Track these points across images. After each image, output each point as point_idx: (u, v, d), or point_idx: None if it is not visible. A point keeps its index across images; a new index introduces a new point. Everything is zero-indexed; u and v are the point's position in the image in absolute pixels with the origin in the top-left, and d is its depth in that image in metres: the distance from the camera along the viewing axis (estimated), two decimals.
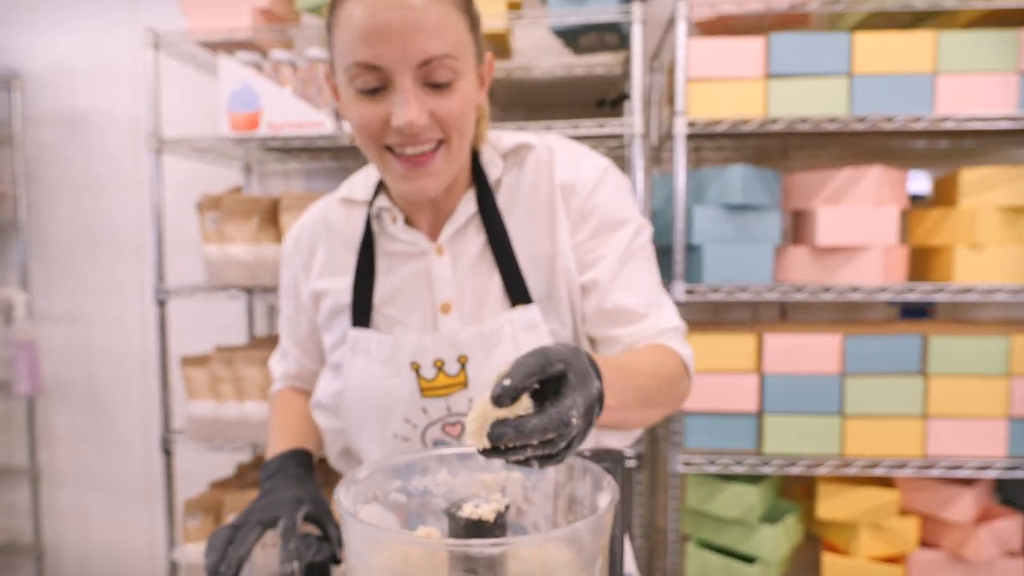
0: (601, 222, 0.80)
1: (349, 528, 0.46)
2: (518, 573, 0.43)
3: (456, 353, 0.76)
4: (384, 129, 0.70)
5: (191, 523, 1.82)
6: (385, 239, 0.82)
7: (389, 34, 0.65)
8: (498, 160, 0.81)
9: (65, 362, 2.39)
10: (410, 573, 0.44)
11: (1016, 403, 1.60)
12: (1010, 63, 1.56)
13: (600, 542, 0.49)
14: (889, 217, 1.62)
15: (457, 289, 0.79)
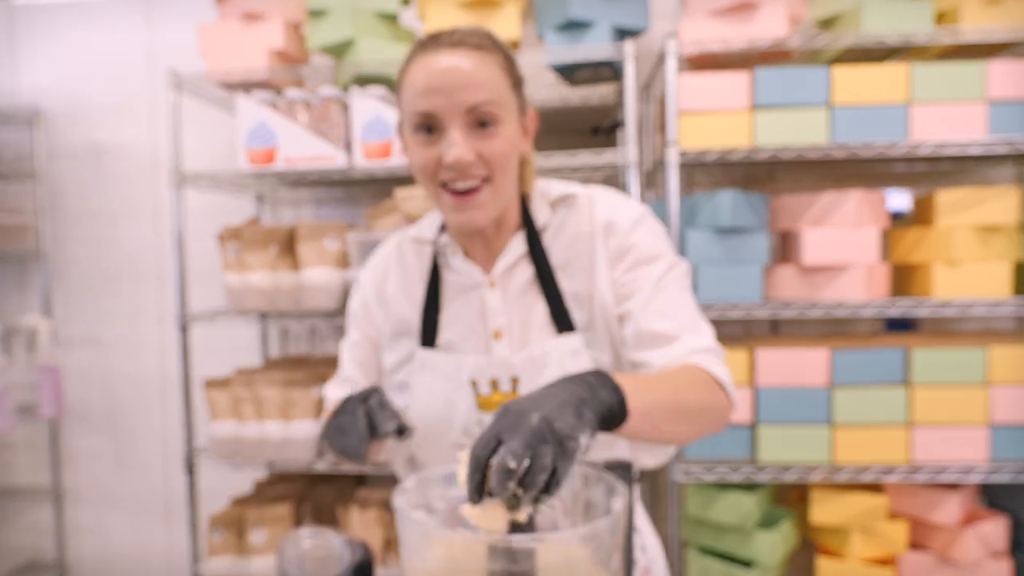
0: (637, 258, 0.88)
1: (406, 526, 0.56)
2: (546, 564, 0.52)
3: (509, 374, 0.87)
4: (438, 167, 0.82)
5: (215, 538, 1.90)
6: (448, 272, 0.94)
7: (442, 88, 0.80)
8: (546, 208, 0.93)
9: (86, 386, 2.48)
10: (456, 563, 0.54)
11: (996, 410, 1.69)
12: (978, 93, 1.67)
13: (616, 540, 0.58)
14: (870, 237, 1.73)
15: (506, 318, 0.90)
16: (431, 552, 0.55)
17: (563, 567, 0.54)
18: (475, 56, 0.82)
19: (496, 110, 0.82)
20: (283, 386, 1.86)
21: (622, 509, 0.58)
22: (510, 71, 0.86)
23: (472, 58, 0.81)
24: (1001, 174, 2.15)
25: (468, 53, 0.82)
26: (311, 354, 2.35)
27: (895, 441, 1.72)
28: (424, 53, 0.83)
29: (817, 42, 1.73)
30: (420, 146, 0.83)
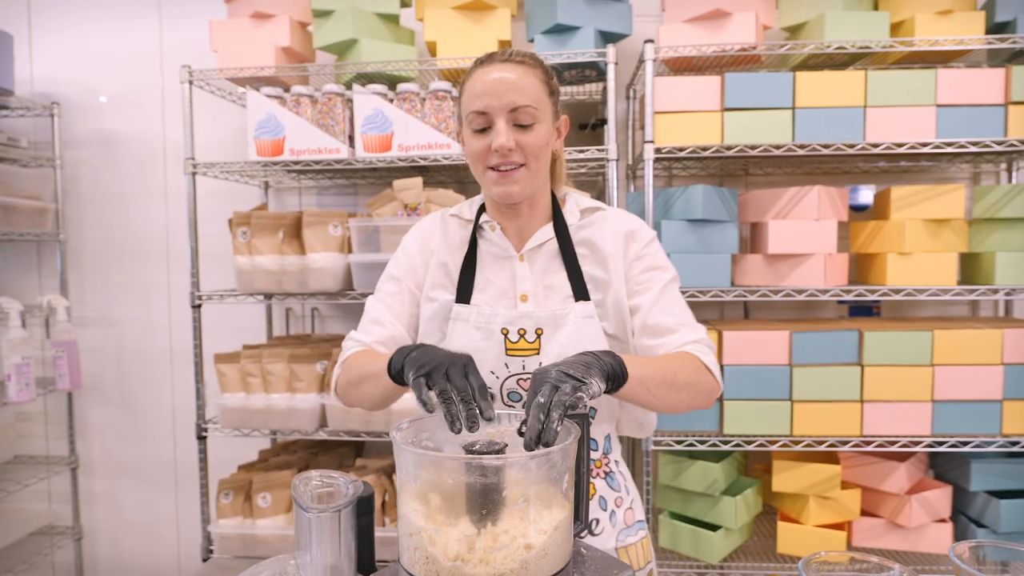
0: (650, 264, 1.11)
1: (402, 453, 0.71)
2: (510, 477, 0.68)
3: (535, 325, 1.05)
4: (487, 154, 1.04)
5: (223, 501, 2.06)
6: (484, 243, 1.13)
7: (492, 92, 1.02)
8: (576, 212, 1.14)
9: (100, 362, 2.63)
10: (442, 480, 0.69)
11: (939, 388, 1.86)
12: (929, 98, 1.83)
13: (566, 464, 0.74)
14: (829, 229, 1.89)
15: (532, 284, 1.10)
16: (422, 473, 0.71)
17: (523, 479, 0.69)
18: (519, 69, 1.04)
19: (533, 112, 1.03)
20: (288, 361, 2.01)
21: (572, 441, 0.73)
22: (548, 83, 1.07)
23: (517, 70, 1.03)
24: (958, 172, 2.31)
25: (514, 67, 1.03)
26: (313, 334, 2.50)
27: (848, 415, 1.89)
28: (481, 66, 1.06)
29: (781, 49, 1.88)
30: (474, 137, 1.05)
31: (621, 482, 1.16)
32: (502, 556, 0.67)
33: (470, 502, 0.69)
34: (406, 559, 0.71)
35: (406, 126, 1.97)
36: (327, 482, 0.95)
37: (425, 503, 0.71)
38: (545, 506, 0.71)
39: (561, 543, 0.71)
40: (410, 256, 1.17)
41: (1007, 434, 1.85)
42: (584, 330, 1.06)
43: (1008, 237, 1.90)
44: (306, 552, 0.90)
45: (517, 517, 0.69)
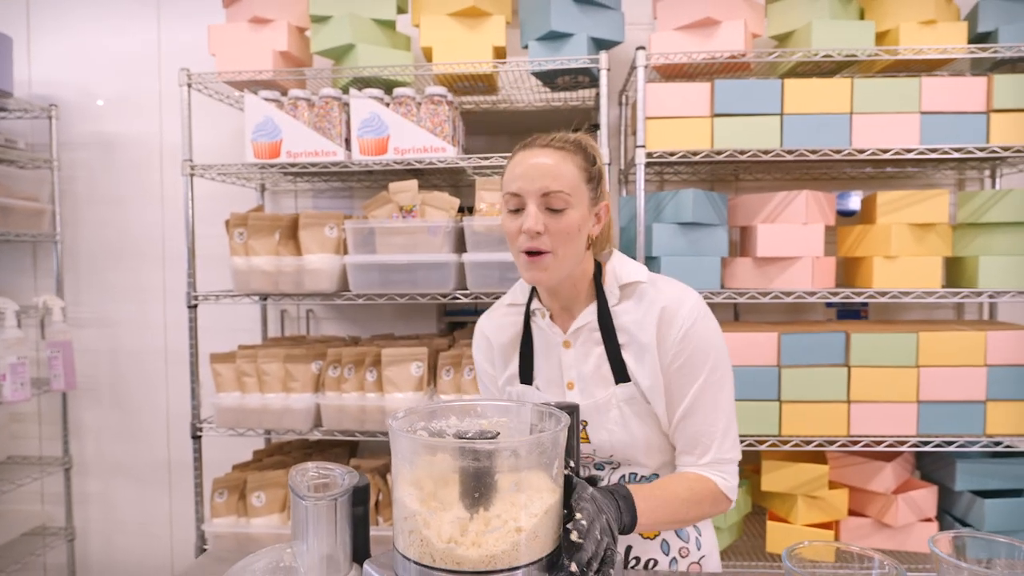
0: (687, 358, 1.06)
1: (399, 440, 0.74)
2: (501, 463, 0.71)
3: (580, 417, 1.05)
4: (518, 235, 1.05)
5: (218, 500, 2.07)
6: (537, 330, 1.17)
7: (527, 176, 1.04)
8: (616, 291, 1.12)
9: (95, 362, 2.64)
10: (436, 465, 0.72)
11: (924, 389, 1.89)
12: (914, 105, 1.87)
13: (556, 451, 0.76)
14: (816, 233, 1.93)
15: (576, 371, 1.12)
16: (417, 458, 0.74)
17: (513, 465, 0.72)
18: (558, 155, 1.04)
19: (565, 197, 1.03)
20: (284, 361, 2.03)
21: (562, 429, 0.76)
22: (586, 170, 1.07)
23: (555, 156, 1.04)
24: (943, 179, 2.36)
25: (552, 153, 1.04)
26: (308, 335, 2.52)
27: (836, 415, 1.92)
28: (523, 150, 1.07)
29: (769, 56, 1.92)
30: (509, 218, 1.07)
31: (692, 534, 1.17)
32: (494, 538, 0.69)
33: (463, 487, 0.71)
34: (401, 542, 0.73)
35: (402, 130, 2.00)
36: (323, 473, 0.97)
37: (419, 488, 0.73)
38: (536, 491, 0.73)
39: (551, 526, 0.73)
40: (481, 368, 1.26)
41: (990, 434, 1.88)
42: (627, 413, 1.09)
43: (991, 241, 1.94)
44: (302, 541, 0.93)
45: (508, 502, 0.71)
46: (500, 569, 0.69)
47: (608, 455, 1.12)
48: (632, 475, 1.13)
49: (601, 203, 1.11)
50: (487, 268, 1.95)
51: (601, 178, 1.11)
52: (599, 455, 1.13)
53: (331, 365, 2.05)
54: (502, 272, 1.95)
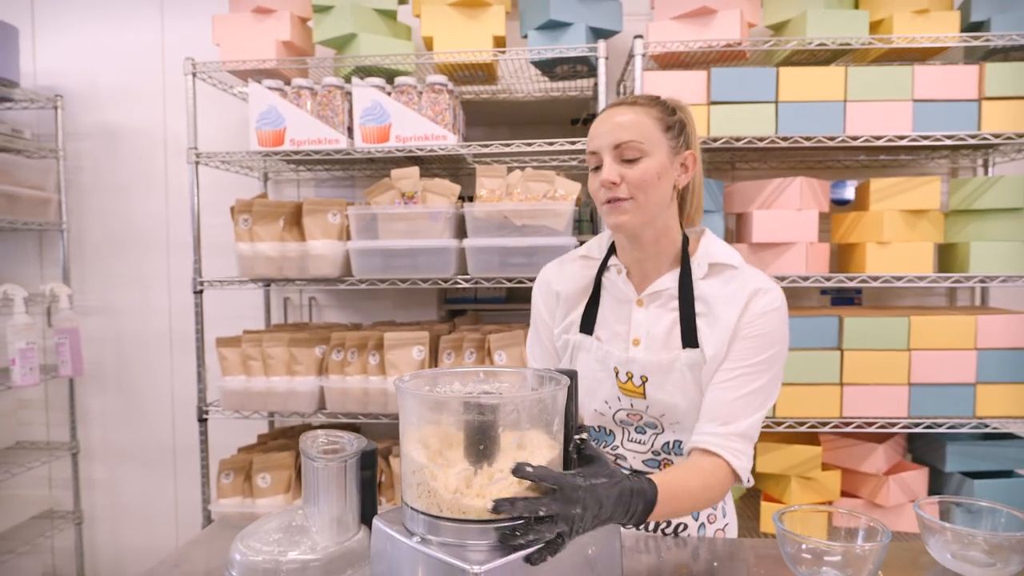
0: (759, 336, 1.07)
1: (407, 399, 0.78)
2: (504, 416, 0.75)
3: (641, 372, 1.12)
4: (599, 189, 1.10)
5: (224, 481, 2.12)
6: (608, 283, 1.20)
7: (600, 132, 1.10)
8: (705, 266, 1.14)
9: (101, 350, 2.68)
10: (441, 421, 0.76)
11: (915, 372, 1.94)
12: (906, 93, 1.91)
13: (556, 408, 0.80)
14: (810, 219, 1.96)
15: (645, 330, 1.14)
16: (424, 415, 0.78)
17: (515, 420, 0.76)
18: (631, 109, 1.10)
19: (638, 146, 1.07)
20: (288, 344, 2.07)
21: (561, 388, 0.80)
22: (662, 120, 1.10)
23: (628, 111, 1.09)
24: (936, 168, 2.40)
25: (625, 108, 1.10)
26: (311, 322, 2.56)
27: (829, 398, 1.96)
28: (601, 112, 1.13)
29: (764, 45, 1.95)
30: (591, 177, 1.13)
31: (719, 504, 1.20)
32: (496, 489, 0.73)
33: (468, 443, 0.75)
34: (410, 495, 0.77)
35: (403, 118, 2.03)
36: (333, 440, 1.01)
37: (426, 446, 0.77)
38: (536, 447, 0.77)
39: None
40: (539, 312, 1.27)
41: (980, 416, 1.92)
42: (688, 378, 1.09)
43: (982, 228, 1.98)
44: (313, 503, 0.97)
45: (511, 457, 0.75)
46: (503, 518, 0.73)
47: (660, 414, 1.13)
48: (677, 442, 1.14)
49: (686, 152, 1.13)
50: (487, 253, 1.99)
51: (684, 128, 1.13)
52: (650, 413, 1.13)
53: (335, 349, 2.09)
54: (502, 257, 1.99)
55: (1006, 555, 0.95)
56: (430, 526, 0.75)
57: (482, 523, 0.72)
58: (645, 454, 1.17)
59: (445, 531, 0.74)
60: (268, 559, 0.89)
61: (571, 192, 1.98)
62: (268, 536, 0.94)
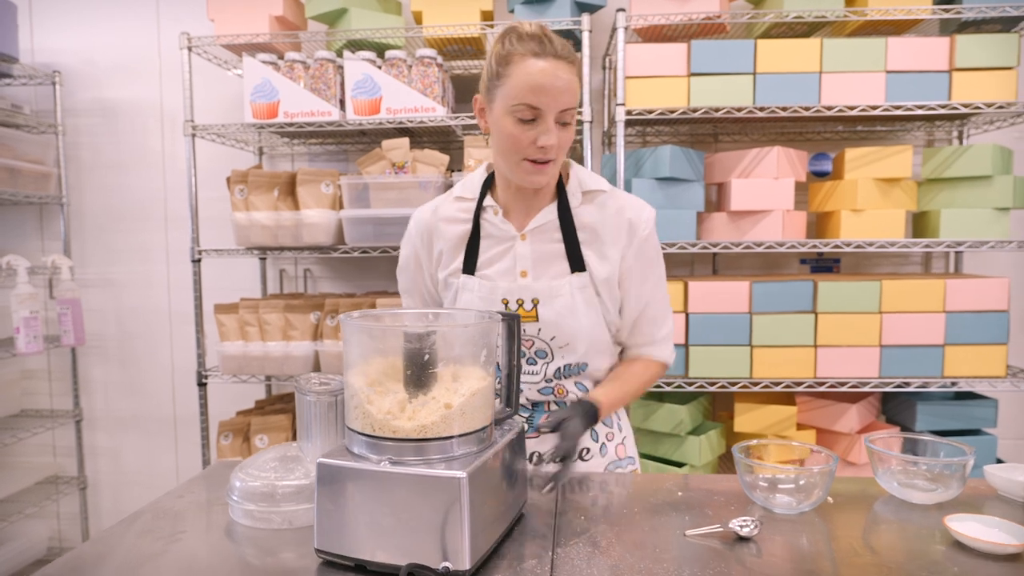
0: (645, 258, 1.21)
1: (351, 329, 0.85)
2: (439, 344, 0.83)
3: (532, 296, 1.16)
4: (528, 146, 1.09)
5: (223, 442, 2.20)
6: (487, 225, 1.21)
7: (549, 91, 1.05)
8: (579, 194, 1.20)
9: (102, 320, 2.75)
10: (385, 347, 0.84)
11: (886, 334, 2.02)
12: (879, 64, 1.97)
13: (484, 341, 0.87)
14: (786, 187, 2.03)
15: (531, 261, 1.19)
16: (369, 344, 0.86)
17: (446, 352, 0.84)
18: (570, 69, 1.07)
19: (573, 113, 1.10)
20: (284, 311, 2.14)
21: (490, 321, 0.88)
22: (581, 81, 1.17)
23: (569, 71, 1.07)
24: (914, 139, 2.46)
25: (566, 67, 1.07)
26: (306, 292, 2.63)
27: (803, 359, 2.04)
28: (535, 57, 1.05)
29: (743, 18, 2.01)
30: (516, 127, 1.08)
31: (614, 420, 1.29)
32: (426, 411, 0.81)
33: (405, 374, 0.83)
34: (349, 419, 0.85)
35: (394, 90, 2.09)
36: (325, 381, 1.09)
37: (367, 376, 0.85)
38: (465, 376, 0.85)
39: (479, 407, 0.85)
40: (416, 258, 1.28)
41: (948, 376, 2.01)
42: (578, 299, 1.16)
43: (953, 195, 2.05)
44: (306, 438, 1.05)
45: (443, 387, 0.83)
46: (432, 437, 0.80)
47: (551, 336, 1.17)
48: (567, 367, 1.20)
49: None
50: None
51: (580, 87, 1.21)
52: (542, 336, 1.18)
53: (329, 315, 2.16)
54: None
55: (946, 481, 1.03)
56: (372, 447, 0.81)
57: (417, 441, 0.80)
58: (539, 383, 1.20)
59: (386, 451, 0.81)
60: (265, 483, 0.97)
61: None
62: (265, 465, 1.02)
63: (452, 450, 0.81)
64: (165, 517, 0.98)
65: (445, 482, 0.76)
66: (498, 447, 0.87)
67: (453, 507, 0.76)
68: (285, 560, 0.84)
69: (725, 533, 0.90)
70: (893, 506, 1.03)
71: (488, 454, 0.83)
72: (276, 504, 0.95)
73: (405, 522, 0.77)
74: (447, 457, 0.81)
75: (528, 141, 1.08)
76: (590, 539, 0.89)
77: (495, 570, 0.80)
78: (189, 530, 0.94)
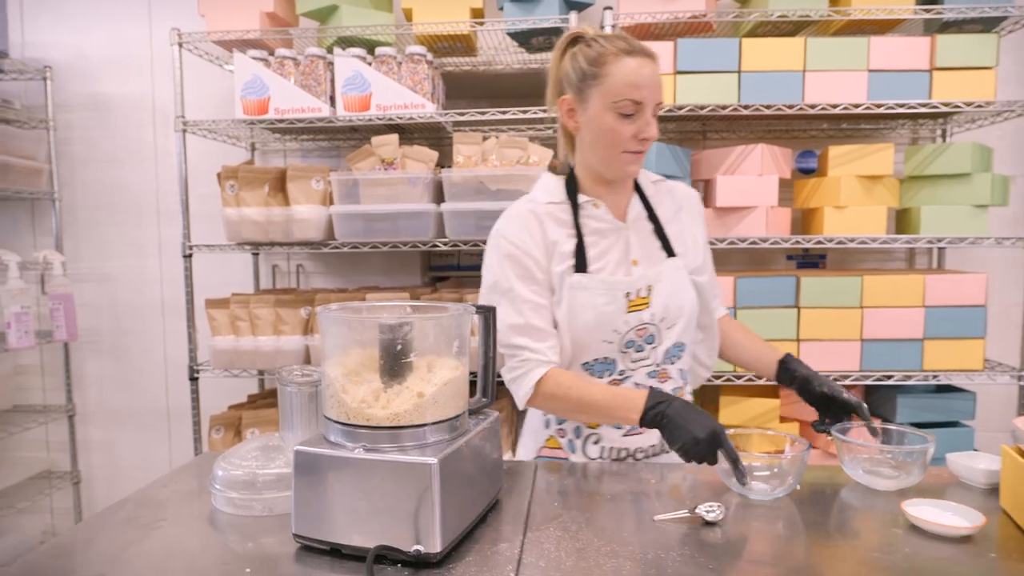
0: (704, 226, 1.39)
1: (328, 320, 0.88)
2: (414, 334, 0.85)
3: (646, 284, 1.24)
4: (629, 139, 1.17)
5: (215, 436, 2.22)
6: (591, 221, 1.26)
7: (649, 84, 1.15)
8: (650, 184, 1.34)
9: (95, 315, 2.77)
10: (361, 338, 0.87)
11: (867, 328, 2.05)
12: (862, 63, 2.00)
13: (457, 331, 0.90)
14: (771, 184, 2.06)
15: (640, 250, 1.27)
16: (344, 335, 0.88)
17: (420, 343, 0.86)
18: (656, 65, 1.18)
19: (662, 104, 1.21)
20: (274, 306, 2.17)
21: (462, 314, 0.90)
22: None
23: (656, 67, 1.18)
24: (898, 137, 2.49)
25: (654, 62, 1.17)
26: (298, 288, 2.66)
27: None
28: (629, 56, 1.16)
29: (728, 17, 2.04)
30: (618, 121, 1.17)
31: None
32: (399, 400, 0.84)
33: (380, 364, 0.85)
34: (325, 408, 0.88)
35: (384, 87, 2.11)
36: (308, 373, 1.11)
37: (344, 366, 0.87)
38: (439, 366, 0.88)
39: (451, 396, 0.87)
40: (533, 256, 1.24)
41: (927, 369, 2.04)
42: (676, 281, 1.26)
43: (934, 193, 2.08)
44: (288, 427, 1.07)
45: (417, 377, 0.85)
46: (405, 425, 0.83)
47: (661, 318, 1.25)
48: (670, 348, 1.27)
49: None
50: (464, 217, 2.08)
51: None
52: (653, 320, 1.24)
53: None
54: (478, 221, 2.08)
55: (908, 468, 1.06)
56: (347, 435, 0.84)
57: (391, 429, 0.83)
58: (649, 367, 1.27)
59: (362, 438, 0.83)
60: (247, 472, 0.99)
61: (544, 158, 2.07)
62: (247, 455, 1.04)
63: (425, 437, 0.84)
64: (148, 506, 1.01)
65: (417, 468, 0.79)
66: (471, 435, 0.89)
67: (425, 492, 0.78)
68: (265, 545, 0.87)
69: (692, 518, 0.93)
70: (859, 493, 1.06)
71: (460, 442, 0.86)
72: (257, 492, 0.97)
73: (379, 507, 0.80)
74: (420, 444, 0.83)
75: (629, 134, 1.17)
76: (561, 524, 0.92)
77: (467, 553, 0.83)
78: (171, 518, 0.96)
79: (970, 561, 0.82)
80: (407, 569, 0.79)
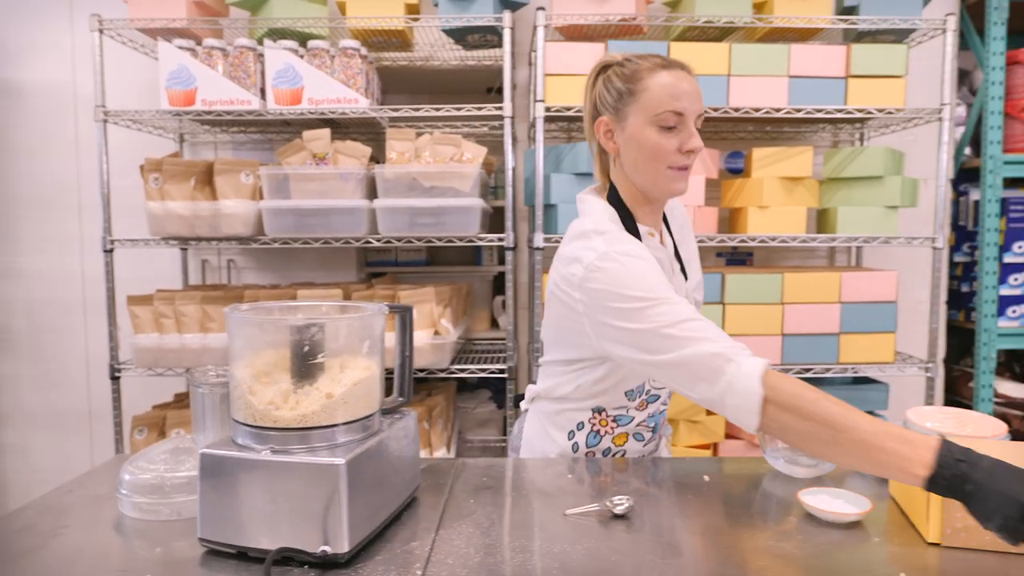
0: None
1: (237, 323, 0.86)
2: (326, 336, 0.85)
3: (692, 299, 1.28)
4: (672, 153, 1.10)
5: (137, 437, 2.15)
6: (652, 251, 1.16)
7: (690, 95, 1.09)
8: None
9: (9, 313, 2.63)
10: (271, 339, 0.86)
11: (787, 324, 2.14)
12: (783, 69, 2.08)
13: (368, 332, 0.89)
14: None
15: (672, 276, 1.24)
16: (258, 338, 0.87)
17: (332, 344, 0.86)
18: (694, 77, 1.13)
19: (703, 117, 1.14)
20: (201, 302, 2.11)
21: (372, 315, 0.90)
22: None
23: (694, 79, 1.12)
24: (820, 140, 2.60)
25: (691, 75, 1.12)
26: (229, 284, 2.59)
27: None
28: (668, 70, 1.11)
29: (656, 20, 2.09)
30: (661, 136, 1.10)
31: None
32: (308, 401, 0.83)
33: (290, 365, 0.85)
34: (233, 410, 0.87)
35: (316, 81, 2.08)
36: (220, 374, 1.09)
37: (252, 367, 0.86)
38: (351, 368, 0.88)
39: (361, 396, 0.87)
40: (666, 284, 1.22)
41: (843, 362, 2.15)
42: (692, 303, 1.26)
43: (850, 194, 2.18)
44: (200, 429, 1.05)
45: (328, 378, 0.85)
46: (315, 426, 0.83)
47: None
48: None
49: None
50: (397, 213, 2.07)
51: None
52: None
53: None
54: (412, 217, 2.08)
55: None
56: (256, 437, 0.83)
57: (300, 430, 0.83)
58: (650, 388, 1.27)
59: (271, 440, 0.83)
60: (155, 476, 0.97)
61: (477, 155, 2.08)
62: (156, 457, 1.02)
63: (335, 438, 0.84)
64: (49, 512, 0.98)
65: (325, 469, 0.79)
66: (383, 435, 0.90)
67: (333, 493, 0.78)
68: (172, 550, 0.86)
69: (602, 511, 0.96)
70: (779, 481, 1.11)
71: (371, 442, 0.86)
72: (166, 496, 0.96)
73: (287, 509, 0.80)
74: (330, 445, 0.83)
75: (672, 148, 1.10)
76: (474, 521, 0.93)
77: (377, 552, 0.84)
78: (73, 525, 0.93)
79: (855, 545, 0.87)
80: (314, 570, 0.79)
